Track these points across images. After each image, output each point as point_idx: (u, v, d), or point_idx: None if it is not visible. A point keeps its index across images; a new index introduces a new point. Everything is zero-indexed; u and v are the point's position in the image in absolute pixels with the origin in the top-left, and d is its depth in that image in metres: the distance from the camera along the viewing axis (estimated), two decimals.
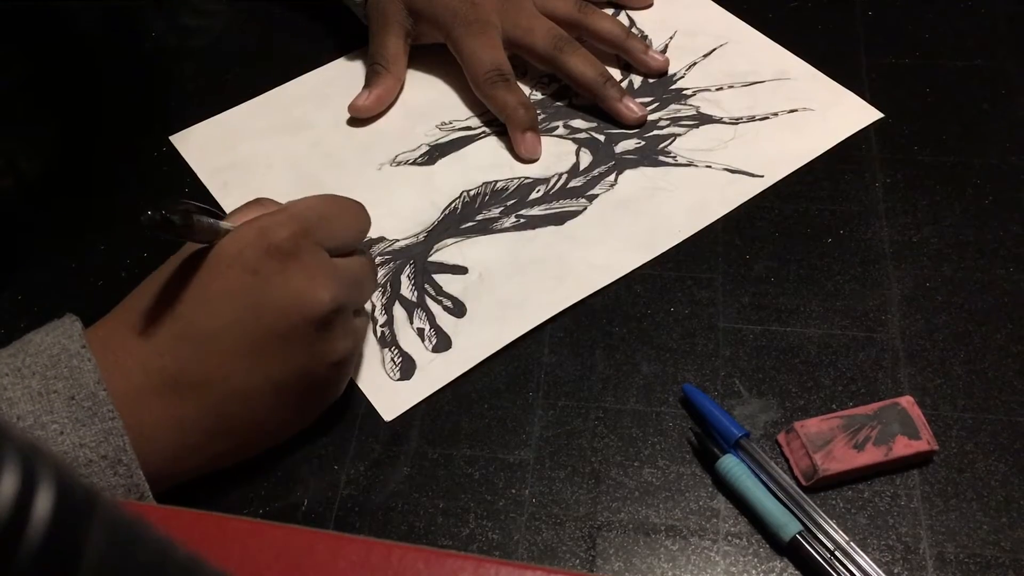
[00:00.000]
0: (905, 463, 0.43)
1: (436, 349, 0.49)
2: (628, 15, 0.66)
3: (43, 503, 0.15)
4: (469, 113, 0.60)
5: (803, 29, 0.64)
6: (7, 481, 0.14)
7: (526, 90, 0.61)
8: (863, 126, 0.57)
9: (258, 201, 0.44)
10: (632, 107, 0.58)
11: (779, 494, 0.42)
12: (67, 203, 0.57)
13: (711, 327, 0.49)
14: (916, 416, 0.43)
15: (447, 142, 0.59)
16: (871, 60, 0.61)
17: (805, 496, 0.42)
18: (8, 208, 0.56)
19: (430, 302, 0.51)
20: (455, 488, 0.44)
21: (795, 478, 0.43)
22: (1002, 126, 0.57)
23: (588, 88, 0.59)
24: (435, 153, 0.58)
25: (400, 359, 0.48)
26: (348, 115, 0.60)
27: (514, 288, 0.51)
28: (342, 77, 0.63)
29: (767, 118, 0.58)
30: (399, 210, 0.55)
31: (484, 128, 0.59)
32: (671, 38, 0.64)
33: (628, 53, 0.61)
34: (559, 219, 0.54)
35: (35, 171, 0.58)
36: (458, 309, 0.50)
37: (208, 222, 0.39)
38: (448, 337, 0.49)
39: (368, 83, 0.60)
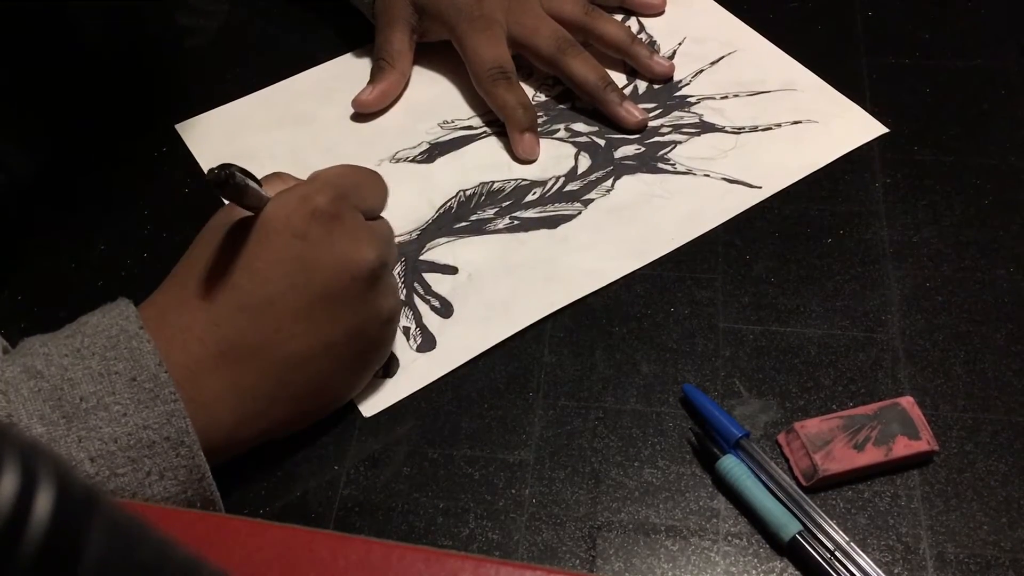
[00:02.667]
0: (905, 463, 0.43)
1: (420, 349, 0.48)
2: (638, 20, 0.65)
3: (43, 503, 0.15)
4: (472, 112, 0.60)
5: (803, 29, 0.64)
6: (7, 481, 0.14)
7: (530, 91, 0.60)
8: (867, 140, 0.57)
9: (277, 175, 0.45)
10: (632, 111, 0.58)
11: (779, 494, 0.42)
12: (67, 203, 0.57)
13: (711, 327, 0.49)
14: (916, 416, 0.43)
15: (447, 140, 0.59)
16: (871, 60, 0.61)
17: (805, 496, 0.42)
18: (8, 208, 0.56)
19: (418, 301, 0.51)
20: (455, 488, 0.44)
21: (795, 478, 0.43)
22: (1002, 126, 0.57)
23: (588, 91, 0.58)
24: (435, 151, 0.58)
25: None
26: (352, 110, 0.60)
27: (502, 290, 0.51)
28: (348, 73, 0.63)
29: (770, 129, 0.58)
30: (395, 207, 0.55)
31: (485, 128, 0.59)
32: (680, 44, 0.63)
33: (633, 58, 0.61)
34: (552, 222, 0.54)
35: (35, 171, 0.58)
36: (445, 309, 0.50)
37: (257, 188, 0.41)
38: (433, 337, 0.49)
39: (372, 78, 0.60)
